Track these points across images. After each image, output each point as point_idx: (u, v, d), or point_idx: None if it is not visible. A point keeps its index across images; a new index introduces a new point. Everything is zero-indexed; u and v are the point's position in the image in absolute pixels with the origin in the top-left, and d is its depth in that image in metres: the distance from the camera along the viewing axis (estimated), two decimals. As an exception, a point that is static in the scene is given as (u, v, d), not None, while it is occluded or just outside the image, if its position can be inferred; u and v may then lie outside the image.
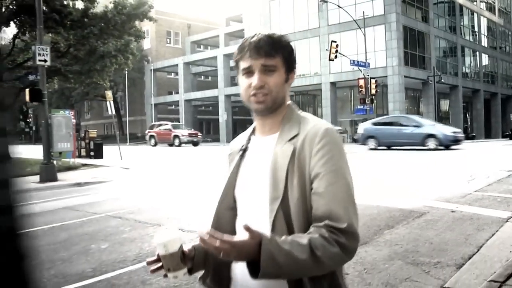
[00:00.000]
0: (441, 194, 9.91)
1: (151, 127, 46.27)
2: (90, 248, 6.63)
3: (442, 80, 43.39)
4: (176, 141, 41.32)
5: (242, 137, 1.83)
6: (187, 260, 1.63)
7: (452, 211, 8.09)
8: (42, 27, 15.97)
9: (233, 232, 1.67)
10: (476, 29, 57.34)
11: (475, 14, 56.82)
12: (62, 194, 12.97)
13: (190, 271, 1.68)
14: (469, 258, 5.55)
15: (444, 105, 53.17)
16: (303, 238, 1.41)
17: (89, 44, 21.66)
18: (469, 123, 56.68)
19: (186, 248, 1.66)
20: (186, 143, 41.50)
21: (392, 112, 41.20)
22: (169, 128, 43.35)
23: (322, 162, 1.52)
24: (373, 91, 37.51)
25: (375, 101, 38.71)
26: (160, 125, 45.44)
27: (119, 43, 23.86)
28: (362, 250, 6.05)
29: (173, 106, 66.70)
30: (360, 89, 37.76)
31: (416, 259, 5.62)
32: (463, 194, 9.76)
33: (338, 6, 38.41)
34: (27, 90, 15.68)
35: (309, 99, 52.04)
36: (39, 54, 15.45)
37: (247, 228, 1.35)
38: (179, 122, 61.12)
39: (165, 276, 1.60)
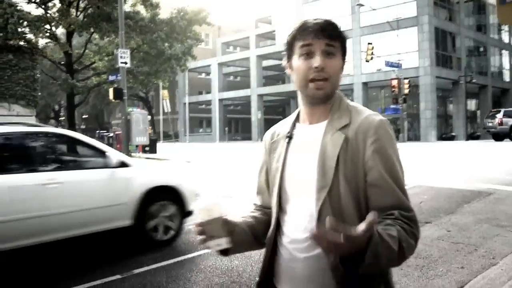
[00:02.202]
0: (499, 178, 11.54)
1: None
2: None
3: (474, 80, 44.44)
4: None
5: (283, 125, 1.79)
6: (228, 231, 1.59)
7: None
8: (123, 32, 17.82)
9: (276, 225, 1.68)
10: (503, 28, 57.94)
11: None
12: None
13: (227, 250, 1.63)
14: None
15: (472, 105, 54.03)
16: (392, 230, 1.38)
17: (156, 47, 23.65)
18: (496, 122, 57.21)
19: (227, 217, 1.62)
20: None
21: (423, 112, 42.49)
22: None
23: (378, 155, 1.51)
24: (406, 91, 38.95)
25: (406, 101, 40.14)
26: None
27: (184, 46, 25.86)
28: (452, 217, 7.77)
29: (204, 106, 68.56)
30: (393, 89, 39.20)
31: (499, 223, 7.28)
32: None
33: (373, 9, 39.80)
34: (110, 90, 17.54)
35: (340, 98, 53.46)
36: (121, 57, 17.29)
37: (372, 223, 1.25)
38: (211, 121, 63.18)
39: (207, 246, 1.57)
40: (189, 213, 7.07)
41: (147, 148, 27.86)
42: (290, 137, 1.70)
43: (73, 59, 23.27)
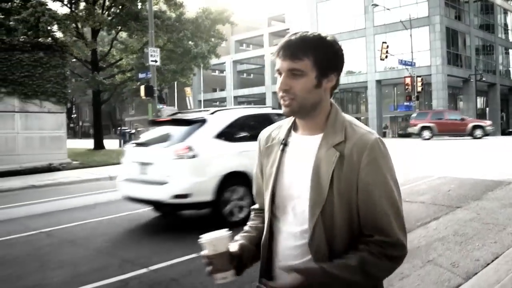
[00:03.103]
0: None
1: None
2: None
3: (484, 79, 44.97)
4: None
5: (278, 129, 1.77)
6: (234, 259, 1.64)
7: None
8: (153, 31, 18.48)
9: (269, 231, 1.69)
10: (510, 27, 58.36)
11: (508, 13, 57.82)
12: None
13: (240, 271, 1.69)
14: None
15: (481, 102, 54.45)
16: (352, 260, 1.47)
17: (183, 46, 24.38)
18: (504, 119, 57.70)
19: (232, 248, 1.66)
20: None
21: (435, 108, 43.02)
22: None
23: (372, 175, 1.51)
24: (419, 89, 39.48)
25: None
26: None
27: (209, 45, 26.63)
28: (479, 202, 8.40)
29: (217, 103, 69.23)
30: (406, 87, 39.72)
31: (523, 207, 7.89)
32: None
33: (387, 8, 40.32)
34: (142, 87, 18.22)
35: (352, 96, 54.00)
36: (151, 55, 17.96)
37: (290, 272, 1.44)
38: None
39: (214, 278, 1.60)
40: None
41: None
42: (285, 144, 1.68)
43: (98, 57, 23.94)
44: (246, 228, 1.85)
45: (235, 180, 7.52)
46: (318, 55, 1.53)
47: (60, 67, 18.99)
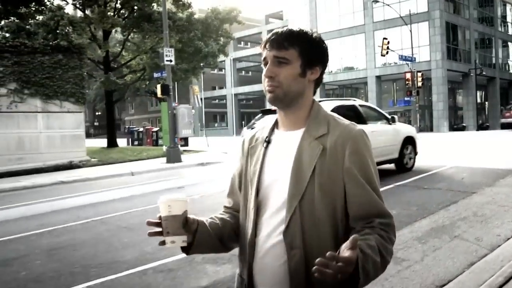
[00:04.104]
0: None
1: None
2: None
3: (484, 73, 45.73)
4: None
5: (262, 129, 1.80)
6: (187, 230, 1.61)
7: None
8: (168, 32, 19.18)
9: (255, 228, 1.65)
10: (509, 20, 58.92)
11: (507, 5, 58.46)
12: (205, 171, 16.32)
13: (188, 248, 1.66)
14: None
15: (480, 96, 55.19)
16: (371, 240, 1.43)
17: (193, 45, 25.14)
18: (503, 113, 58.25)
19: (190, 216, 1.63)
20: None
21: (436, 103, 43.83)
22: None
23: (357, 165, 1.54)
24: (419, 84, 40.22)
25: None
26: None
27: (219, 44, 27.45)
28: (492, 188, 9.20)
29: (217, 100, 69.96)
30: (407, 82, 40.45)
31: (533, 192, 8.68)
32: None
33: (387, 4, 41.00)
34: (158, 86, 18.88)
35: (352, 92, 54.76)
36: (166, 55, 18.64)
37: (355, 241, 1.29)
38: (224, 115, 64.60)
39: (162, 243, 1.58)
40: (417, 153, 12.42)
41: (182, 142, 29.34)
42: (268, 142, 1.71)
43: (110, 58, 24.64)
44: (212, 216, 1.83)
45: None
46: (304, 46, 1.60)
47: (78, 68, 19.67)
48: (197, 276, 5.22)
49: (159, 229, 1.58)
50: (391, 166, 12.03)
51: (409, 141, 12.11)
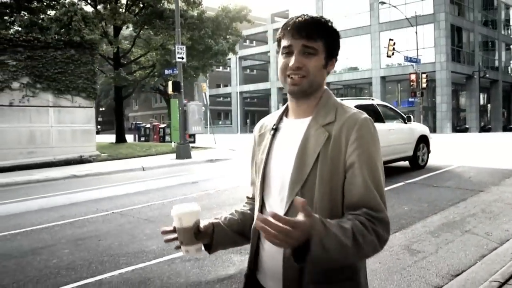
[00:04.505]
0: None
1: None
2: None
3: (487, 75, 45.97)
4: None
5: (271, 118, 1.80)
6: (203, 236, 1.66)
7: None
8: (180, 30, 19.44)
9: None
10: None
11: (511, 9, 58.62)
12: (215, 167, 16.59)
13: (209, 248, 1.73)
14: None
15: (483, 99, 55.44)
16: (346, 223, 1.37)
17: (204, 43, 25.47)
18: (505, 116, 58.69)
19: (203, 224, 1.68)
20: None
21: (439, 105, 44.10)
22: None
23: (358, 152, 1.49)
24: (424, 85, 40.49)
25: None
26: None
27: (228, 42, 27.79)
28: (499, 187, 9.48)
29: (221, 98, 70.23)
30: (411, 83, 40.72)
31: (538, 191, 8.96)
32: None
33: (394, 6, 41.25)
34: (170, 83, 19.15)
35: (356, 92, 55.02)
36: (178, 53, 18.89)
37: (303, 205, 1.25)
38: (228, 113, 64.91)
39: (178, 247, 1.65)
40: (430, 151, 12.99)
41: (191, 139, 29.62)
42: (275, 129, 1.70)
43: (119, 54, 24.92)
44: (232, 211, 1.87)
45: None
46: (329, 38, 1.59)
47: (90, 63, 19.93)
48: (224, 265, 5.47)
49: (174, 236, 1.63)
50: (404, 163, 12.34)
51: (423, 140, 12.66)
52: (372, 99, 12.82)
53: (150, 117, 79.80)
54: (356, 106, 10.57)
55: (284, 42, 1.58)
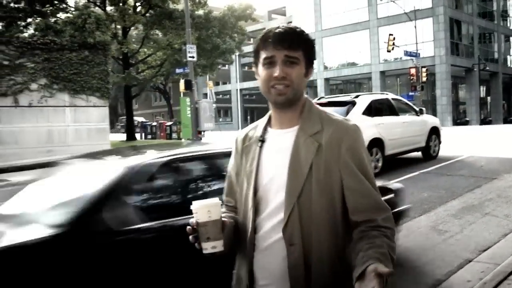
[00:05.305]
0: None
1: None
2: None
3: (487, 68, 46.52)
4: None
5: (255, 129, 1.79)
6: (225, 230, 1.61)
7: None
8: (190, 30, 20.01)
9: (254, 226, 1.65)
10: (510, 14, 59.31)
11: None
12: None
13: (228, 245, 1.63)
14: None
15: (483, 91, 55.83)
16: (382, 248, 1.45)
17: (211, 42, 26.08)
18: (505, 108, 59.10)
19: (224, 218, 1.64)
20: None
21: (439, 98, 44.67)
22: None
23: (354, 160, 1.56)
24: (424, 79, 41.03)
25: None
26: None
27: (235, 41, 28.43)
28: (511, 175, 10.06)
29: (220, 96, 70.70)
30: (411, 77, 41.24)
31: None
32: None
33: (392, 0, 41.71)
34: (182, 81, 19.73)
35: (355, 87, 55.54)
36: (189, 52, 19.44)
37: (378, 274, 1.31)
38: (227, 110, 65.48)
39: (200, 247, 1.56)
40: (441, 142, 13.55)
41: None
42: (262, 141, 1.70)
43: (128, 54, 25.49)
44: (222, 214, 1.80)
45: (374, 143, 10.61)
46: (308, 47, 1.64)
47: (103, 64, 20.49)
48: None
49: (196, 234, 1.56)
50: (416, 154, 12.93)
51: (434, 131, 13.21)
52: (387, 94, 13.44)
53: (150, 115, 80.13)
54: (373, 100, 11.25)
55: (265, 53, 1.61)
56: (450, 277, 4.71)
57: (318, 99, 11.98)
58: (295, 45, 1.59)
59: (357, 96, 11.59)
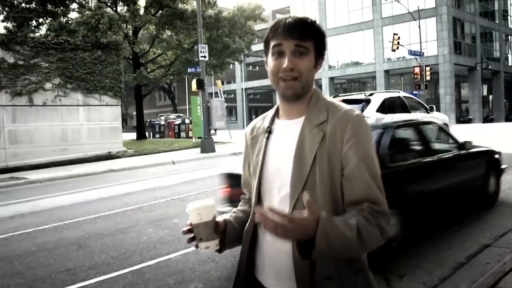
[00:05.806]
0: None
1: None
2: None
3: (490, 67, 46.90)
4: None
5: (262, 120, 1.80)
6: (218, 232, 1.64)
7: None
8: (202, 30, 20.41)
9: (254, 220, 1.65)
10: (511, 13, 59.70)
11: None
12: (240, 160, 17.49)
13: (220, 248, 1.67)
14: None
15: (485, 90, 56.21)
16: (351, 219, 1.38)
17: (222, 42, 26.51)
18: (507, 106, 59.47)
19: (218, 219, 1.66)
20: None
21: (443, 96, 45.04)
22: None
23: (355, 149, 1.51)
24: (428, 78, 41.41)
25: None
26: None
27: (244, 41, 28.88)
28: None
29: (225, 95, 71.08)
30: (415, 76, 41.62)
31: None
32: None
33: (396, 0, 42.08)
34: (194, 80, 20.12)
35: (360, 86, 55.94)
36: (201, 52, 19.86)
37: (309, 203, 1.27)
38: (232, 109, 65.81)
39: (196, 246, 1.61)
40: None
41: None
42: (269, 132, 1.70)
43: (139, 54, 25.91)
44: (233, 210, 1.88)
45: None
46: (318, 38, 1.59)
47: (115, 64, 20.83)
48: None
49: (193, 234, 1.61)
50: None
51: None
52: (398, 92, 13.85)
53: (154, 114, 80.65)
54: (386, 98, 11.67)
55: (274, 42, 1.57)
56: (470, 260, 5.09)
57: (333, 97, 12.40)
58: (305, 34, 1.55)
59: (371, 94, 12.10)
